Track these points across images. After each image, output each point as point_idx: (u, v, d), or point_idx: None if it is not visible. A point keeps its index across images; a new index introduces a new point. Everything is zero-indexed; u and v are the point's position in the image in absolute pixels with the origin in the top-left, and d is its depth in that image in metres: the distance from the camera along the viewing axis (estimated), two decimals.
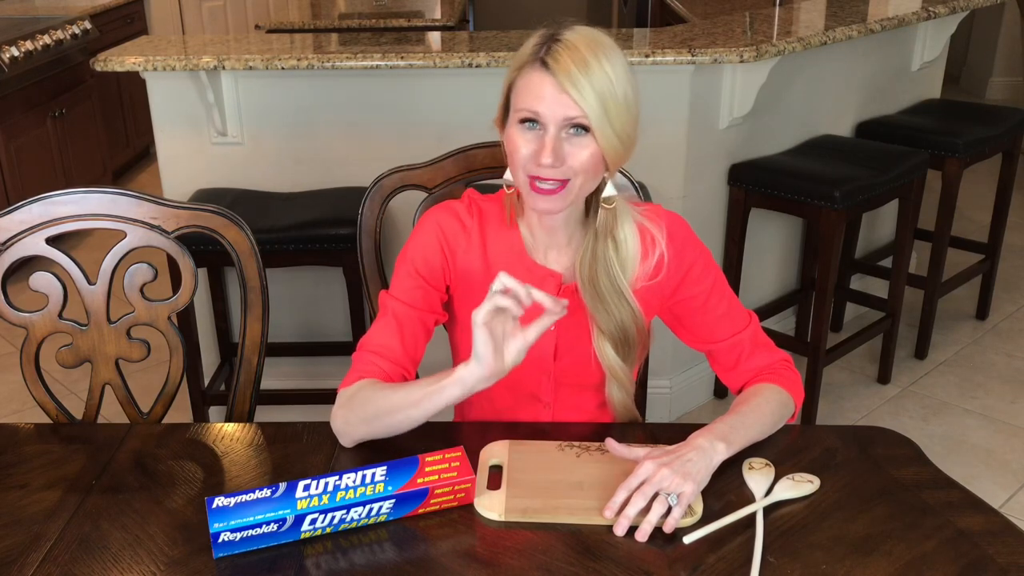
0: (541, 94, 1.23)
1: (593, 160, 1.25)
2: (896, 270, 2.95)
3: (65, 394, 2.94)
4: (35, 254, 1.50)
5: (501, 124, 1.33)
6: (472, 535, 1.14)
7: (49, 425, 1.45)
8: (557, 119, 1.23)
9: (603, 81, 1.22)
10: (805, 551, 1.11)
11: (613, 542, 1.12)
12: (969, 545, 1.11)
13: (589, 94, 1.21)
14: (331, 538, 1.14)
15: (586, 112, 1.22)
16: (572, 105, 1.21)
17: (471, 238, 1.38)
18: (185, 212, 1.51)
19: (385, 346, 1.35)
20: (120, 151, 5.03)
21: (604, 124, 1.23)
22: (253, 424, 1.41)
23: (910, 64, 3.35)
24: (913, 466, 1.27)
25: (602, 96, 1.22)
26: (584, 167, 1.25)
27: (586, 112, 1.22)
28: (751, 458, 1.26)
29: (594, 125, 1.22)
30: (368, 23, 3.78)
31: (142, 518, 1.18)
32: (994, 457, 2.70)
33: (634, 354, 1.39)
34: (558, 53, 1.22)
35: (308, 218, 2.37)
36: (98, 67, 2.46)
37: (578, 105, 1.21)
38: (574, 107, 1.22)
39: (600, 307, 1.34)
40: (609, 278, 1.34)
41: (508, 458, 1.26)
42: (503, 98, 1.30)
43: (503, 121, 1.32)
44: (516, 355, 1.18)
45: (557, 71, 1.21)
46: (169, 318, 1.54)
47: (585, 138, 1.24)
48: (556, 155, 1.23)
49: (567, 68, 1.21)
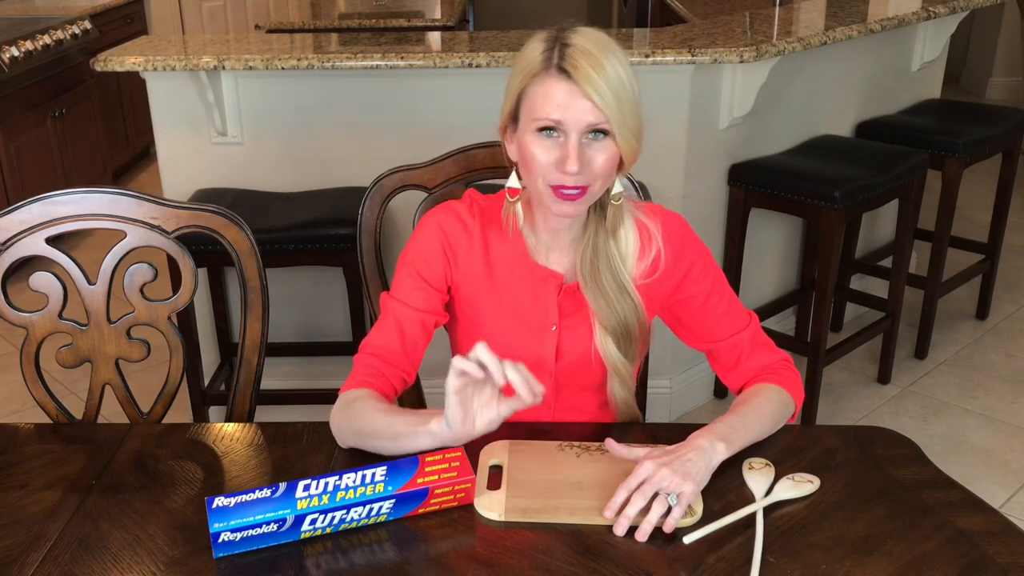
0: (563, 102, 1.22)
1: (612, 161, 1.26)
2: (896, 270, 2.95)
3: (65, 394, 2.93)
4: (35, 254, 1.50)
5: (506, 131, 1.32)
6: (472, 535, 1.14)
7: (49, 425, 1.45)
8: (580, 125, 1.22)
9: (618, 82, 1.22)
10: (805, 551, 1.10)
11: (613, 542, 1.12)
12: (969, 545, 1.11)
13: (609, 98, 1.21)
14: (331, 538, 1.14)
15: (608, 116, 1.22)
16: (595, 111, 1.21)
17: (472, 239, 1.38)
18: (185, 212, 1.51)
19: (385, 348, 1.35)
20: (120, 151, 5.03)
21: (623, 126, 1.23)
22: (253, 424, 1.41)
23: (910, 64, 3.34)
24: (913, 466, 1.27)
25: (619, 97, 1.22)
26: (604, 171, 1.26)
27: (608, 116, 1.22)
28: (751, 458, 1.26)
29: (614, 128, 1.23)
30: (368, 23, 3.78)
31: (142, 518, 1.18)
32: (994, 457, 2.70)
33: (635, 349, 1.39)
34: (574, 59, 1.21)
35: (308, 218, 2.37)
36: (98, 67, 2.46)
37: (601, 110, 1.21)
38: (597, 112, 1.21)
39: (602, 302, 1.34)
40: (612, 272, 1.34)
41: (508, 458, 1.26)
42: (511, 106, 1.29)
43: (510, 128, 1.31)
44: (486, 426, 1.16)
45: (578, 78, 1.21)
46: (169, 318, 1.53)
47: (604, 141, 1.24)
48: (582, 162, 1.23)
49: (587, 75, 1.20)
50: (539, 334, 1.39)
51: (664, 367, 2.81)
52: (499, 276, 1.39)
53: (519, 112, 1.28)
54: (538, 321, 1.39)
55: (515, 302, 1.38)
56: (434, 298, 1.38)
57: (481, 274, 1.38)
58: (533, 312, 1.38)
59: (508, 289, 1.39)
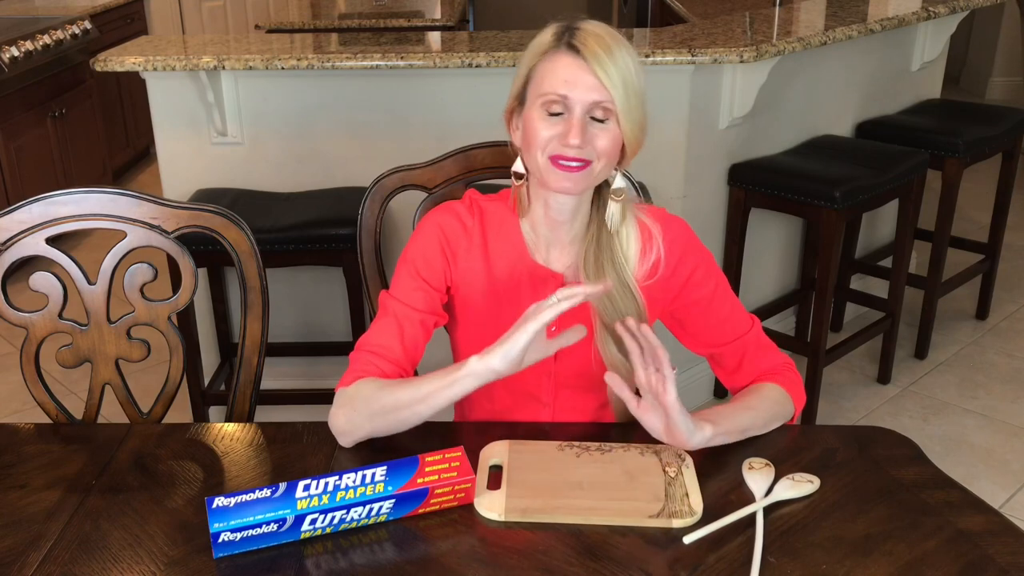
0: (569, 77, 1.24)
1: (614, 145, 1.27)
2: (896, 270, 2.95)
3: (65, 394, 2.93)
4: (35, 254, 1.50)
5: (512, 114, 1.33)
6: (472, 535, 1.14)
7: (49, 425, 1.45)
8: (585, 102, 1.24)
9: (625, 68, 1.24)
10: (805, 551, 1.10)
11: (614, 542, 1.12)
12: (969, 545, 1.11)
13: (617, 78, 1.23)
14: (331, 538, 1.14)
15: (612, 96, 1.23)
16: (601, 88, 1.23)
17: (472, 239, 1.38)
18: (185, 212, 1.51)
19: (384, 346, 1.34)
20: (120, 151, 5.02)
21: (627, 111, 1.25)
22: (253, 424, 1.41)
23: (910, 64, 3.34)
24: (913, 466, 1.26)
25: (626, 82, 1.24)
26: (606, 150, 1.27)
27: (612, 96, 1.23)
28: (751, 458, 1.26)
29: (619, 109, 1.24)
30: (368, 23, 3.78)
31: (142, 518, 1.18)
32: (994, 457, 2.70)
33: None
34: (584, 38, 1.24)
35: (308, 218, 2.37)
36: (98, 67, 2.46)
37: (606, 88, 1.23)
38: (603, 90, 1.23)
39: (605, 300, 1.34)
40: (615, 268, 1.34)
41: (508, 458, 1.26)
42: (519, 86, 1.31)
43: (516, 110, 1.32)
44: (533, 359, 1.22)
45: (587, 55, 1.23)
46: (169, 318, 1.53)
47: (607, 124, 1.26)
48: (584, 137, 1.24)
49: (595, 52, 1.23)
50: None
51: None
52: (498, 276, 1.39)
53: (526, 91, 1.30)
54: None
55: (514, 302, 1.37)
56: (433, 298, 1.38)
57: (480, 274, 1.38)
58: None
59: (507, 289, 1.39)
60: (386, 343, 1.34)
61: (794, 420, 1.39)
